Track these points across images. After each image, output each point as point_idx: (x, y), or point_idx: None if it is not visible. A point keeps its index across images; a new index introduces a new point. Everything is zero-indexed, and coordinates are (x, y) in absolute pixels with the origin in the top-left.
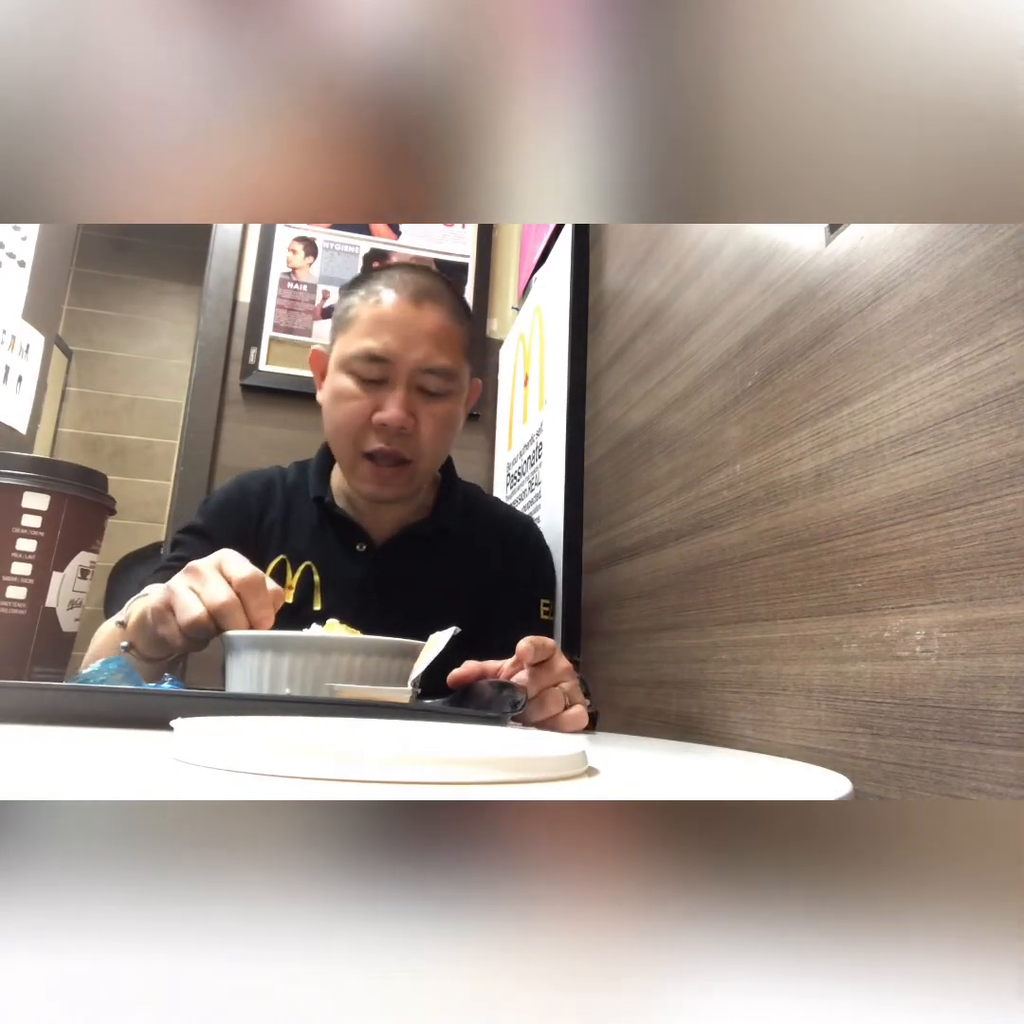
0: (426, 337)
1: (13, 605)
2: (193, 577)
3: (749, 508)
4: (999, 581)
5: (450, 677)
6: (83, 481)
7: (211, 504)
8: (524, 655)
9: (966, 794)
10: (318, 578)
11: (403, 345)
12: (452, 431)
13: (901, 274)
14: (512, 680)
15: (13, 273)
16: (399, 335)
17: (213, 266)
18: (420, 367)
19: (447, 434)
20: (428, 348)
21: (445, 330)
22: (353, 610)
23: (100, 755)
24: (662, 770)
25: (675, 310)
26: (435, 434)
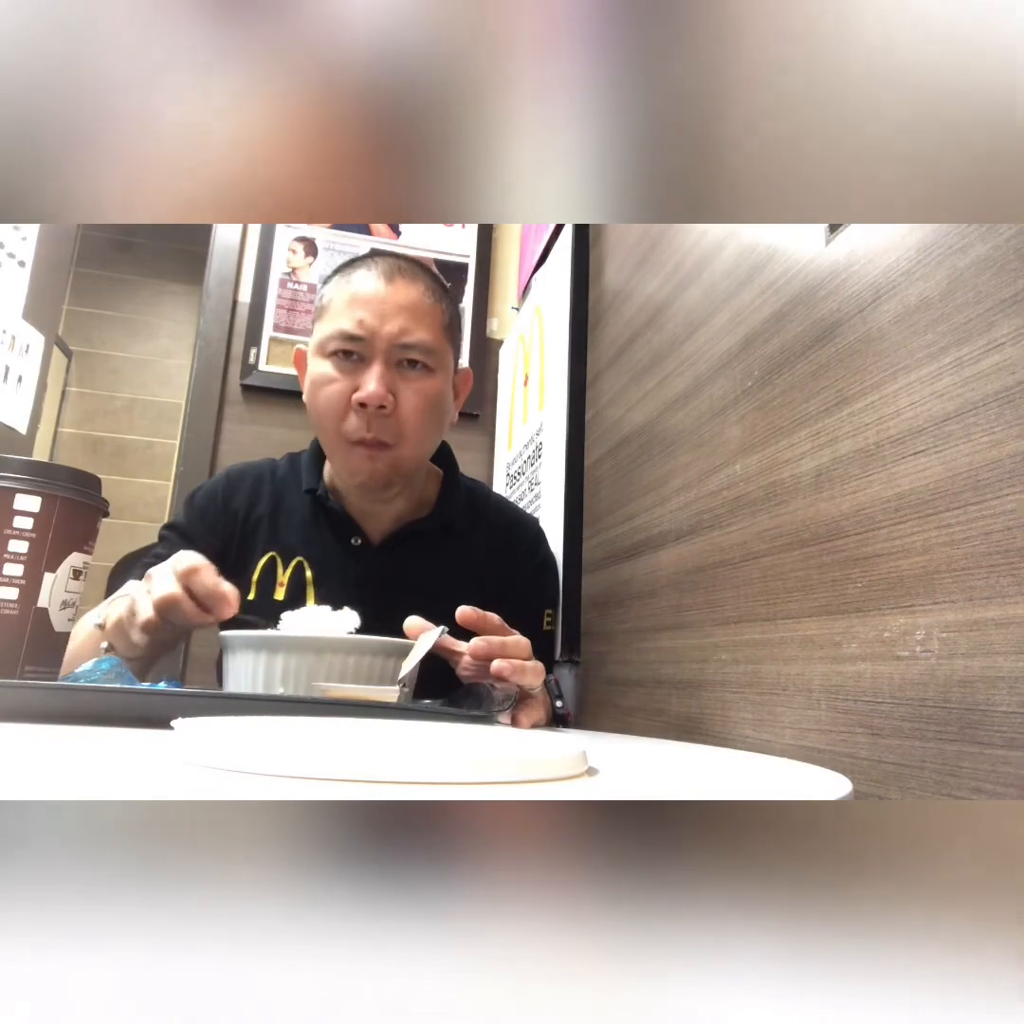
0: (400, 311)
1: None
2: (147, 581)
3: (749, 508)
4: (999, 581)
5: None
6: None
7: (196, 500)
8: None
9: (966, 794)
10: (311, 574)
11: (377, 320)
12: (437, 413)
13: (901, 274)
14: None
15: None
16: (372, 311)
17: (213, 266)
18: (396, 342)
19: (431, 414)
20: (403, 322)
21: (421, 305)
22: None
23: (100, 755)
24: (662, 770)
25: (675, 310)
26: (417, 412)
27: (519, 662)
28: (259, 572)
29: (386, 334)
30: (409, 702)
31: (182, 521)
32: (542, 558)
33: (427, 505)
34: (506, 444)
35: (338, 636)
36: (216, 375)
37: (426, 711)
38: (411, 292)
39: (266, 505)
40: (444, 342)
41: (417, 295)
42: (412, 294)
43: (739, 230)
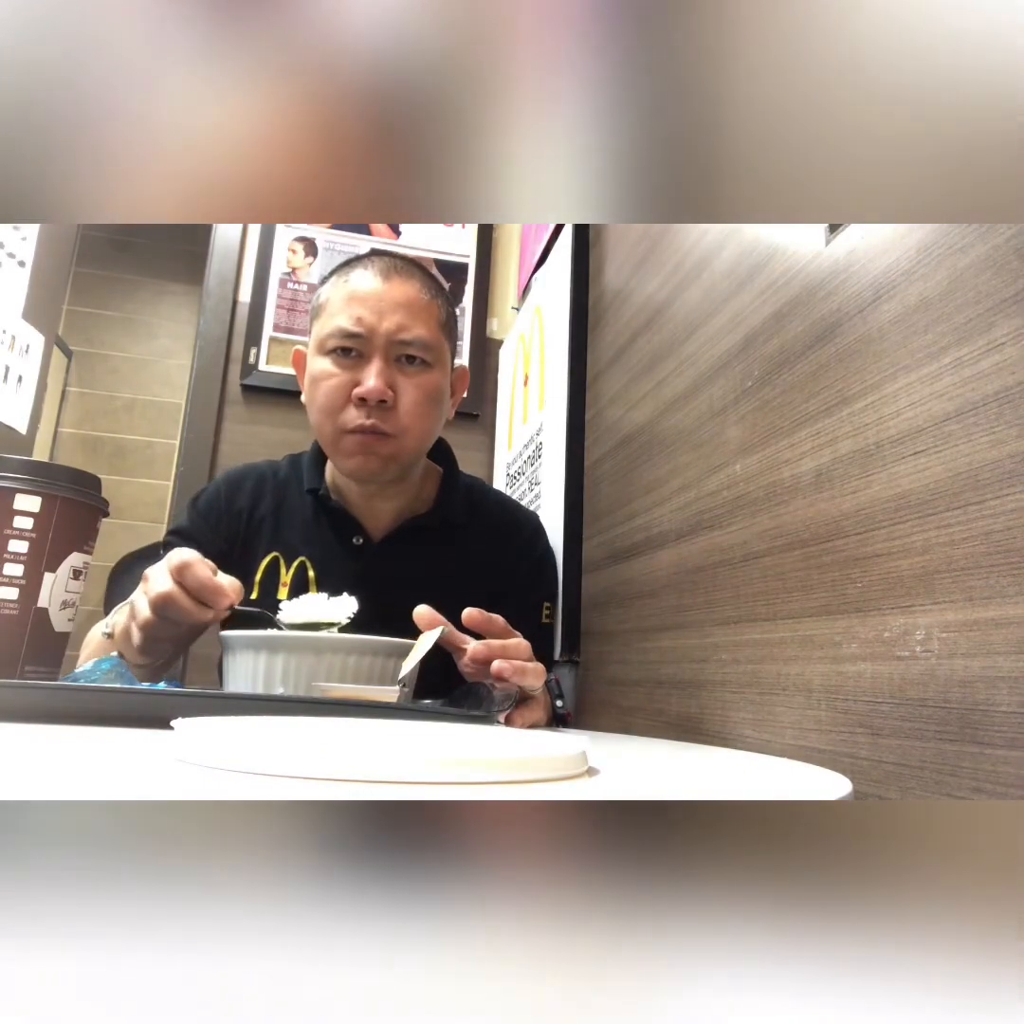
0: (398, 307)
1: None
2: (144, 582)
3: (749, 508)
4: (999, 581)
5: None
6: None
7: (199, 504)
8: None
9: (966, 794)
10: (313, 573)
11: (375, 317)
12: (435, 407)
13: (901, 274)
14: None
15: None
16: (370, 308)
17: (213, 266)
18: (395, 338)
19: (430, 408)
20: (401, 318)
21: (418, 301)
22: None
23: (100, 754)
24: (662, 770)
25: (675, 310)
26: (417, 406)
27: (520, 663)
28: (262, 572)
29: (384, 330)
30: (409, 702)
31: (186, 525)
32: (541, 552)
33: (427, 502)
34: (506, 444)
35: (338, 636)
36: (216, 375)
37: (426, 711)
38: (408, 289)
39: (269, 505)
40: (441, 338)
41: (414, 292)
42: (409, 291)
43: (739, 230)
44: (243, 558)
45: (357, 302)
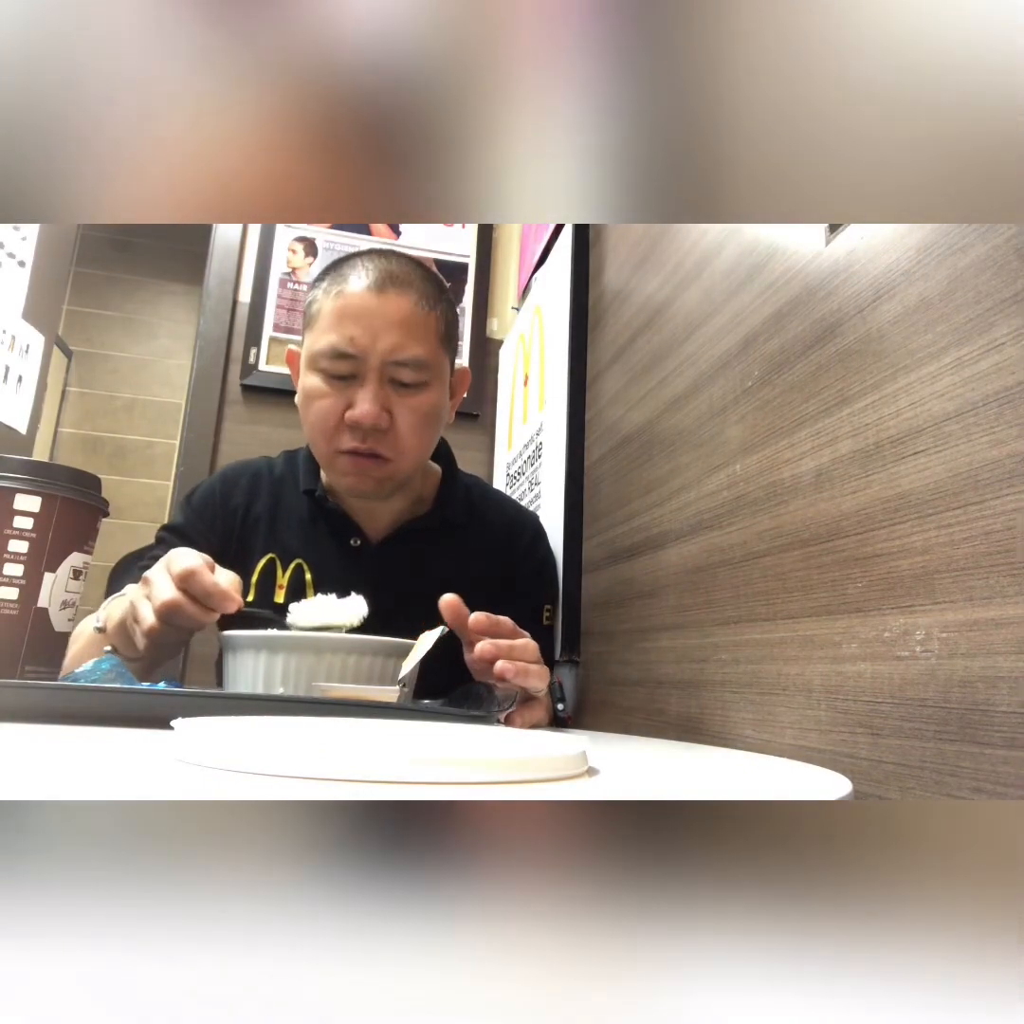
0: (393, 327)
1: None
2: (144, 585)
3: (749, 508)
4: (999, 581)
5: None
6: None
7: (194, 501)
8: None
9: (966, 794)
10: (310, 576)
11: (369, 338)
12: (433, 425)
13: (901, 274)
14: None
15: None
16: (364, 327)
17: (213, 266)
18: (390, 359)
19: (428, 429)
20: (396, 338)
21: (414, 317)
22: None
23: (100, 755)
24: (662, 770)
25: (675, 310)
26: (414, 429)
27: (523, 664)
28: (258, 574)
29: (379, 351)
30: (409, 702)
31: (180, 522)
32: (542, 554)
33: (426, 503)
34: (506, 444)
35: (338, 636)
36: (216, 375)
37: (426, 711)
38: (403, 304)
39: (264, 503)
40: (439, 352)
41: (409, 307)
42: (404, 305)
43: (739, 230)
44: (239, 556)
45: (350, 319)
